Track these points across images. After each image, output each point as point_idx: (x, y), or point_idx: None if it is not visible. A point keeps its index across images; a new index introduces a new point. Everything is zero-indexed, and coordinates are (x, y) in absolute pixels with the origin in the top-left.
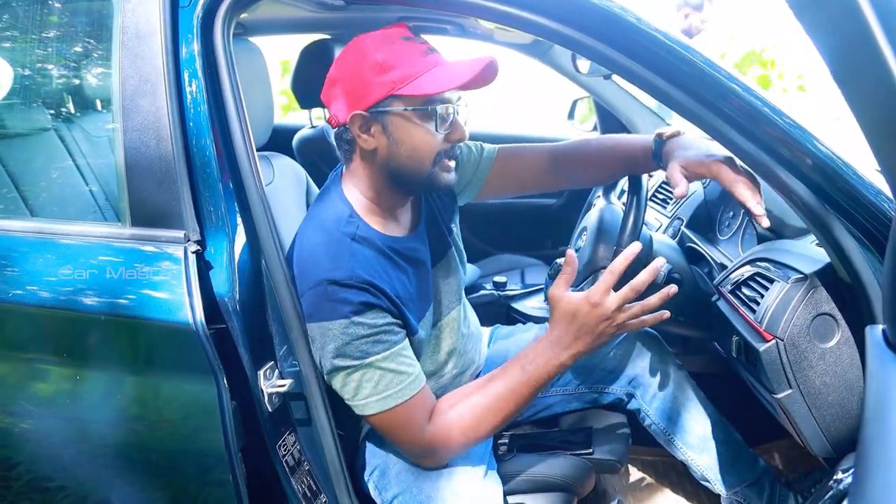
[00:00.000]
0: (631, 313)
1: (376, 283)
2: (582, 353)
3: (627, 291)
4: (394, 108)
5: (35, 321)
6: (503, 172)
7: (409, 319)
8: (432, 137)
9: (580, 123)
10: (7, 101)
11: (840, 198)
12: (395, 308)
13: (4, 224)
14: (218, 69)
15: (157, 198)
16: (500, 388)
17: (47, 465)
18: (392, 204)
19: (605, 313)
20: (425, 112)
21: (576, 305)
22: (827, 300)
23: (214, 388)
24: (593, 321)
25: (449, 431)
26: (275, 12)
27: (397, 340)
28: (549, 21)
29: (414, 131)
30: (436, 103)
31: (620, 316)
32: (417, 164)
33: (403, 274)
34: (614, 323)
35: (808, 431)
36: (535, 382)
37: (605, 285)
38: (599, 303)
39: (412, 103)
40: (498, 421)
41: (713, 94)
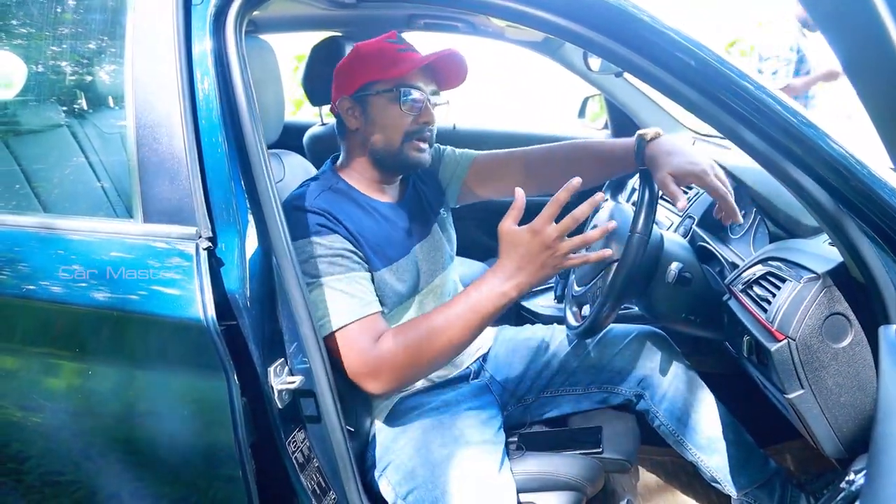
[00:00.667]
0: (571, 243)
1: (335, 213)
2: (524, 283)
3: (568, 221)
4: (370, 92)
5: (47, 316)
6: (481, 174)
7: (370, 256)
8: (400, 118)
9: (591, 121)
10: (20, 97)
11: (853, 196)
12: (355, 240)
13: (17, 220)
14: (230, 67)
15: (169, 194)
16: (446, 315)
17: (58, 460)
18: (376, 177)
19: (546, 241)
20: (395, 94)
21: (519, 236)
22: (840, 300)
23: (225, 384)
24: (535, 249)
25: (395, 352)
26: (286, 10)
27: (353, 268)
28: (561, 19)
29: (385, 112)
30: (405, 87)
31: (561, 246)
32: (388, 141)
33: (374, 222)
34: (555, 253)
35: (820, 432)
36: (479, 310)
37: (547, 214)
38: (540, 231)
39: (385, 86)
40: (442, 345)
41: (725, 92)
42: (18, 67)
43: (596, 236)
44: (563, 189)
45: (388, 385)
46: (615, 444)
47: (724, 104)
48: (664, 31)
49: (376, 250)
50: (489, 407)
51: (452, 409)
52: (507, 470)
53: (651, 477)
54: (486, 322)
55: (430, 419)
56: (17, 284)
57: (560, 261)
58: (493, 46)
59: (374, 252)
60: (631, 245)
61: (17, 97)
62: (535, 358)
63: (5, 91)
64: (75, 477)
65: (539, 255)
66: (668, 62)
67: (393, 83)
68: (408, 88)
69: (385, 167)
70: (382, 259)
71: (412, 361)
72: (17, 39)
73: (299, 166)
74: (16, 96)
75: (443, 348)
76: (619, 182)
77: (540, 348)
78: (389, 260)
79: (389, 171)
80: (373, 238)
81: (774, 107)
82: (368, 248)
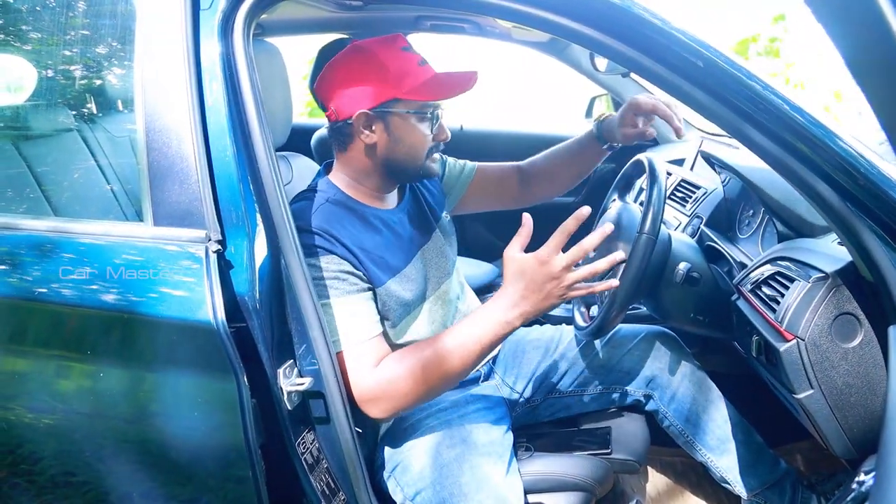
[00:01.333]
0: (578, 275)
1: (332, 231)
2: (528, 313)
3: (576, 251)
4: (396, 110)
5: (59, 319)
6: (479, 188)
7: (372, 270)
8: (426, 136)
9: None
10: (31, 102)
11: (862, 195)
12: (355, 258)
13: (29, 223)
14: (238, 71)
15: (179, 198)
16: (447, 342)
17: (71, 461)
18: (377, 186)
19: (553, 271)
20: (423, 115)
21: (525, 264)
22: (849, 299)
23: (235, 386)
24: (540, 279)
25: (395, 378)
26: (293, 13)
27: (350, 290)
28: (567, 20)
29: (412, 130)
30: (430, 108)
31: (568, 276)
32: (413, 158)
33: (374, 233)
34: (562, 284)
35: (830, 432)
36: (482, 338)
37: (554, 244)
38: (547, 261)
39: (413, 107)
40: (443, 373)
41: (732, 92)
42: (29, 72)
43: (604, 267)
44: (572, 218)
45: (386, 412)
46: (624, 444)
47: (731, 104)
48: (669, 31)
49: (378, 262)
50: (497, 408)
51: (461, 410)
52: (516, 471)
53: (660, 478)
54: (487, 351)
55: (439, 420)
56: (29, 287)
57: (565, 291)
58: (499, 47)
59: (376, 265)
60: (638, 245)
61: (28, 101)
62: (543, 359)
63: (17, 95)
64: (87, 477)
65: (545, 285)
66: (675, 63)
67: (421, 104)
68: (430, 108)
69: (398, 179)
70: (386, 270)
71: (412, 389)
72: (28, 44)
73: (307, 168)
74: (27, 101)
75: (443, 376)
76: (626, 182)
77: (548, 349)
78: (393, 270)
79: (400, 181)
80: (374, 250)
81: (782, 106)
82: (370, 261)
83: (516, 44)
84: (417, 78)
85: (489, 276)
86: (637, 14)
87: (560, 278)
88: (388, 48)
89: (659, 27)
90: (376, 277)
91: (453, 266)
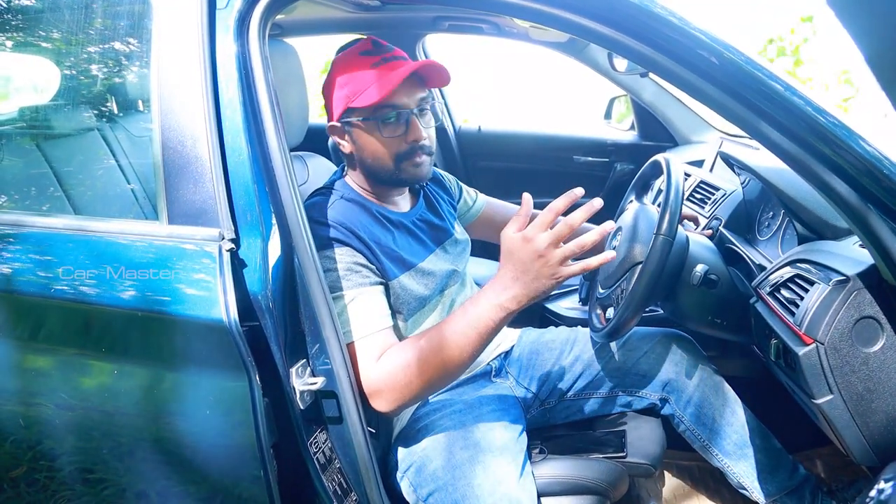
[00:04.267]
0: (565, 251)
1: (348, 224)
2: (521, 295)
3: (561, 227)
4: (352, 119)
5: (73, 316)
6: (486, 224)
7: (385, 265)
8: (387, 141)
9: (617, 122)
10: (52, 102)
11: (885, 197)
12: (369, 251)
13: (47, 221)
14: (253, 70)
15: (193, 196)
16: (444, 332)
17: (84, 458)
18: (381, 191)
19: (538, 248)
20: (381, 119)
21: (513, 243)
22: (870, 303)
23: (247, 384)
24: (527, 257)
25: (393, 372)
26: (311, 13)
27: (363, 283)
28: (586, 20)
29: (370, 137)
30: (385, 110)
31: (555, 253)
32: (380, 164)
33: (389, 233)
34: (549, 262)
35: (850, 438)
36: (478, 324)
37: (540, 221)
38: (532, 238)
39: (364, 114)
40: (442, 362)
41: (752, 93)
42: (51, 72)
43: (593, 239)
44: (564, 196)
45: (391, 404)
46: (639, 448)
47: (751, 105)
48: (689, 30)
49: (392, 257)
50: (512, 410)
51: (475, 411)
52: (529, 474)
53: (677, 482)
54: (485, 338)
55: (453, 421)
56: (46, 284)
57: (556, 269)
58: (519, 48)
59: (390, 259)
60: (655, 247)
61: (49, 102)
62: (558, 360)
63: (40, 95)
64: (100, 475)
65: (532, 263)
66: (694, 62)
67: (371, 109)
68: (388, 111)
69: (382, 183)
70: (400, 266)
71: (412, 381)
72: (47, 44)
73: (323, 168)
74: (47, 101)
75: (443, 367)
76: (644, 183)
77: (563, 351)
78: (407, 265)
79: (389, 185)
80: (388, 245)
81: (803, 107)
82: (384, 255)
83: (535, 44)
84: (364, 83)
85: None
86: (656, 13)
87: (546, 256)
88: (348, 56)
89: (677, 26)
90: (389, 271)
91: (465, 268)
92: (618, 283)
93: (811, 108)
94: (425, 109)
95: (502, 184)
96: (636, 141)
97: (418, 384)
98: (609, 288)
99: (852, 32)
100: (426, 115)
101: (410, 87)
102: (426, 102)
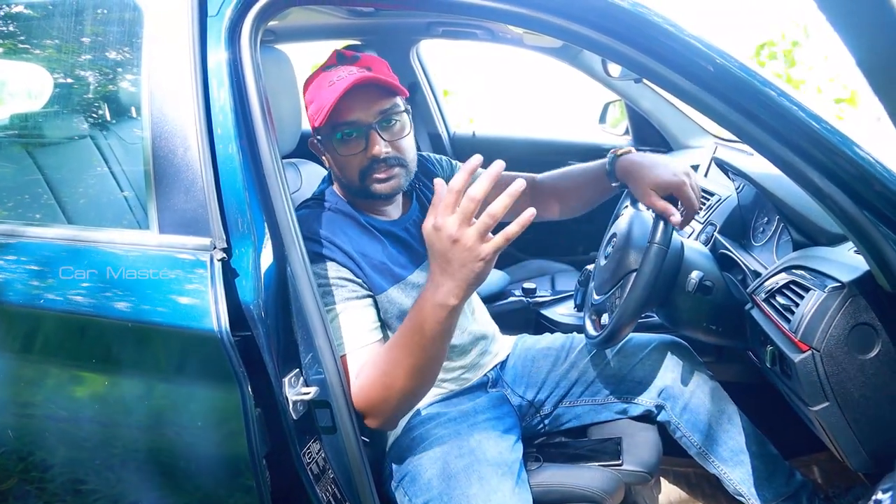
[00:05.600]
0: (481, 224)
1: (333, 237)
2: (455, 287)
3: (466, 203)
4: (318, 137)
5: (63, 326)
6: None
7: (372, 278)
8: (347, 158)
9: (612, 127)
10: (43, 109)
11: (880, 203)
12: (355, 264)
13: (37, 231)
14: (245, 77)
15: (184, 205)
16: (397, 343)
17: (75, 468)
18: (368, 205)
19: (451, 233)
20: (332, 138)
21: (429, 236)
22: (866, 309)
23: (239, 394)
24: (445, 246)
25: (367, 390)
26: (306, 19)
27: (350, 297)
28: (578, 26)
29: (332, 155)
30: (340, 127)
31: (468, 233)
32: (348, 180)
33: (377, 243)
34: (466, 244)
35: (847, 446)
36: (423, 329)
37: (444, 205)
38: (442, 225)
39: (324, 131)
40: (406, 374)
41: (747, 100)
42: (45, 79)
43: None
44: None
45: (378, 420)
46: (635, 455)
47: (744, 110)
48: (683, 37)
49: (380, 270)
50: (507, 418)
51: (470, 420)
52: (525, 482)
53: (674, 489)
54: (438, 339)
55: (447, 430)
56: (35, 294)
57: (477, 249)
58: (513, 52)
59: (377, 272)
60: (649, 255)
61: (39, 109)
62: (553, 367)
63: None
64: (92, 485)
65: (451, 251)
66: (688, 69)
67: (329, 127)
68: (344, 128)
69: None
70: (388, 278)
71: (386, 395)
72: (38, 52)
73: (316, 175)
74: (38, 108)
75: (409, 377)
76: None
77: (559, 357)
78: (396, 278)
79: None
80: (376, 258)
81: (797, 113)
82: (371, 268)
83: (529, 49)
84: (320, 101)
85: (500, 283)
86: (649, 19)
87: (461, 239)
88: (315, 73)
89: (671, 32)
90: (377, 285)
91: None
92: (612, 290)
93: (805, 113)
94: (392, 121)
95: None
96: (630, 145)
97: (396, 397)
98: (604, 294)
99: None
100: (393, 126)
101: (368, 101)
102: (391, 113)
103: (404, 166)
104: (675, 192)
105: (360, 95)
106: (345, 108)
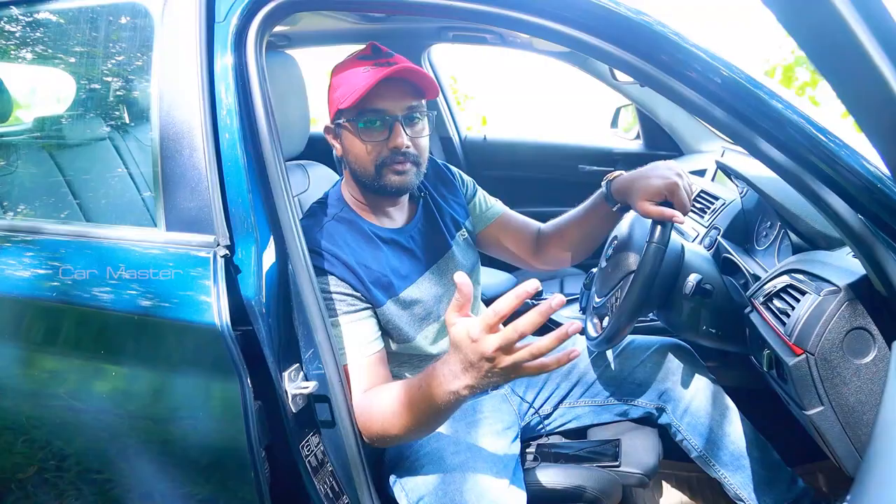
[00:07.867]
0: (519, 357)
1: (334, 249)
2: (473, 386)
3: (510, 332)
4: (342, 121)
5: (71, 319)
6: (499, 233)
7: (372, 291)
8: (368, 145)
9: (624, 131)
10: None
11: (876, 208)
12: (355, 277)
13: (50, 227)
14: (250, 82)
15: (190, 204)
16: (404, 396)
17: (81, 458)
18: (378, 203)
19: (485, 352)
20: (365, 123)
21: (459, 336)
22: (862, 314)
23: (239, 388)
24: (473, 357)
25: (370, 413)
26: (317, 24)
27: (349, 311)
28: (585, 34)
29: (353, 140)
30: (368, 113)
31: (505, 359)
32: (363, 168)
33: (379, 253)
34: (499, 365)
35: (842, 450)
36: (430, 401)
37: (485, 324)
38: (478, 339)
39: (350, 115)
40: (404, 426)
41: (749, 109)
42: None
43: (547, 344)
44: (512, 295)
45: (369, 436)
46: (634, 457)
47: (746, 119)
48: (686, 46)
49: (380, 282)
50: (506, 417)
51: (469, 417)
52: (520, 481)
53: (675, 493)
54: (443, 414)
55: (446, 426)
56: (49, 287)
57: (508, 373)
58: (525, 57)
59: (376, 285)
60: (647, 255)
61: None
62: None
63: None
64: (95, 475)
65: (479, 363)
66: (690, 78)
67: (356, 112)
68: (371, 115)
69: (374, 192)
70: (388, 290)
71: (383, 434)
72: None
73: (324, 177)
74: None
75: (407, 430)
76: None
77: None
78: (394, 292)
79: (379, 194)
80: (377, 269)
81: (797, 121)
82: (371, 281)
83: (538, 53)
84: (352, 84)
85: (506, 285)
86: (652, 28)
87: (496, 360)
88: (346, 60)
89: (677, 43)
90: (376, 299)
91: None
92: (612, 292)
93: (805, 121)
94: (416, 118)
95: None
96: (642, 150)
97: (392, 438)
98: (604, 296)
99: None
100: (416, 123)
101: (399, 94)
102: (416, 111)
103: (418, 165)
104: (667, 196)
105: (392, 87)
106: (375, 96)
